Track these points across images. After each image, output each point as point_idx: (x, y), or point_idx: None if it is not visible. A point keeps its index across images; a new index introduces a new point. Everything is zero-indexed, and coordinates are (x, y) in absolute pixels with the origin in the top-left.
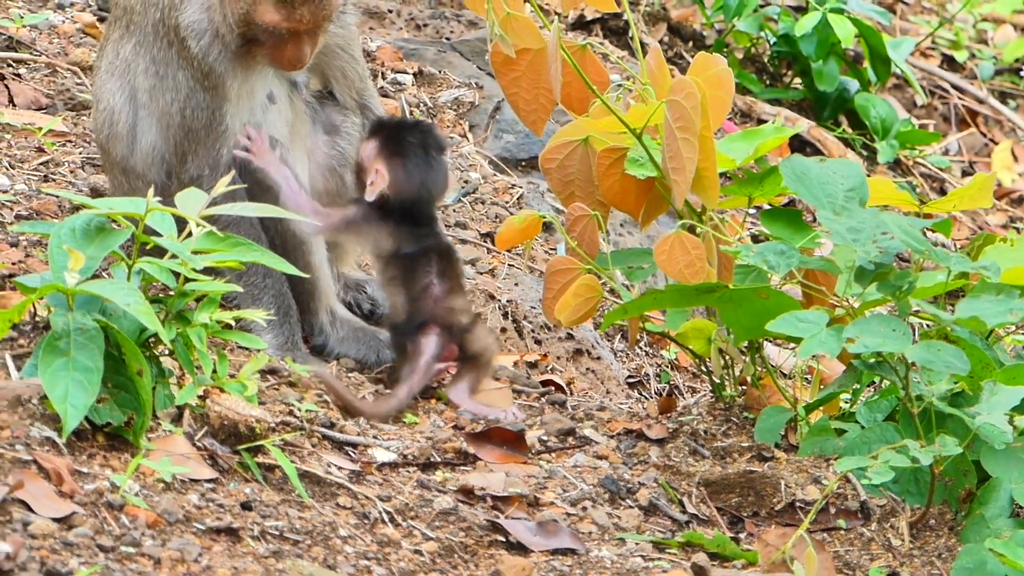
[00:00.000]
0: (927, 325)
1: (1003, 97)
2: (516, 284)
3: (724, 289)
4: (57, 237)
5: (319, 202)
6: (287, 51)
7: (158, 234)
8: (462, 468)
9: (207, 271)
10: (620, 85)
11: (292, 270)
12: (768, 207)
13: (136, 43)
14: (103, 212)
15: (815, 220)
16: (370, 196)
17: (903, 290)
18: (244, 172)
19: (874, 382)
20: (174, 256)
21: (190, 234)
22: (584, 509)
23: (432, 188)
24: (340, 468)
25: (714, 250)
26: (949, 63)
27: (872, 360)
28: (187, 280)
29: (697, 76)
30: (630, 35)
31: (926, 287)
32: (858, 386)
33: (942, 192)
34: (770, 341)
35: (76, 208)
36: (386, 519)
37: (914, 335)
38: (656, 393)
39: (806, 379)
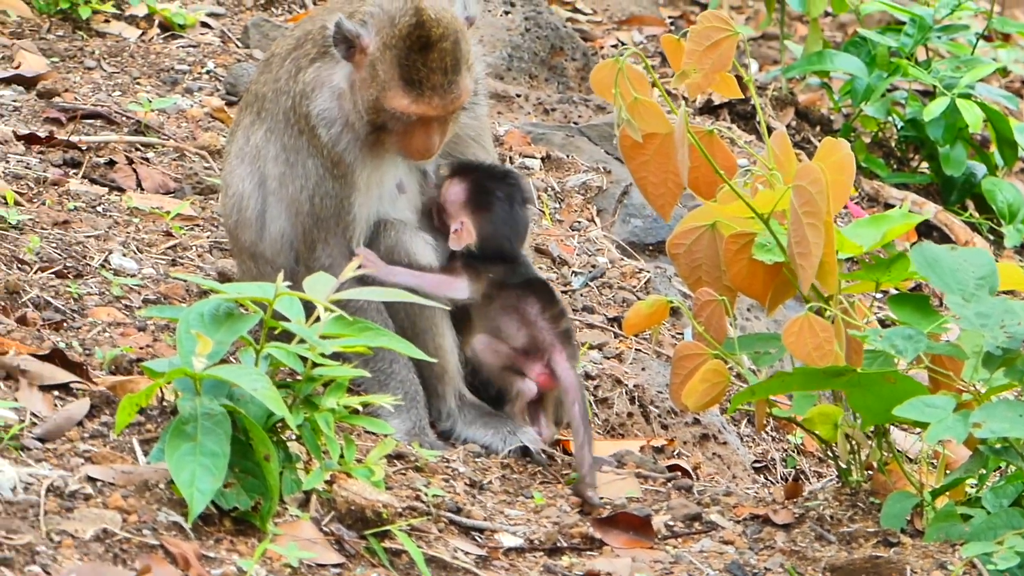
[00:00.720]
0: None
1: None
2: (643, 369)
3: (852, 373)
4: (185, 322)
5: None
6: (416, 139)
7: (286, 319)
8: (588, 553)
9: (335, 356)
10: (747, 170)
11: (420, 354)
12: (896, 292)
13: (267, 130)
14: (231, 297)
15: (942, 305)
16: (454, 246)
17: None
18: (381, 254)
19: (1001, 467)
20: (302, 341)
21: (318, 319)
22: None
23: (514, 240)
24: (467, 553)
25: (842, 334)
26: None
27: (998, 445)
28: (315, 365)
29: (822, 161)
30: (758, 119)
31: None
32: (984, 471)
33: None
34: (896, 426)
35: (204, 293)
36: None
37: None
38: (782, 478)
39: (932, 464)
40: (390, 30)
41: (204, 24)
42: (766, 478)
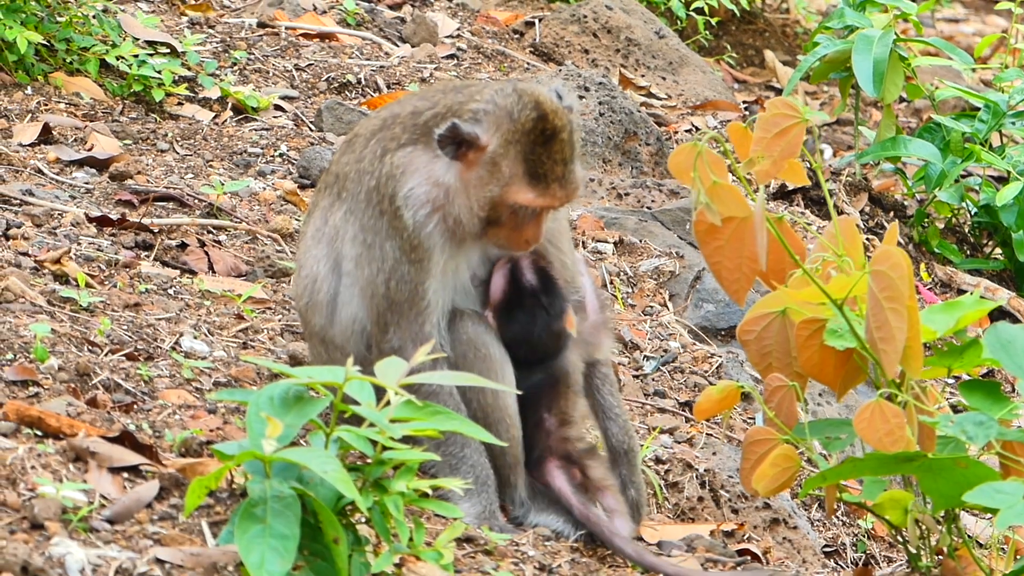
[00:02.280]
0: None
1: None
2: (714, 453)
3: (923, 458)
4: (255, 405)
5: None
6: (527, 230)
7: (356, 403)
8: None
9: (405, 440)
10: (820, 256)
11: (491, 439)
12: (967, 378)
13: (347, 211)
14: (302, 381)
15: (1014, 391)
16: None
17: None
18: (455, 343)
19: None
20: (372, 424)
21: (388, 403)
22: None
23: (529, 354)
24: None
25: (914, 419)
26: None
27: None
28: (384, 448)
29: (891, 246)
30: (832, 205)
31: None
32: None
33: None
34: (967, 511)
35: (275, 376)
36: None
37: None
38: (852, 563)
39: (1002, 549)
40: (510, 125)
41: (277, 107)
42: (836, 563)
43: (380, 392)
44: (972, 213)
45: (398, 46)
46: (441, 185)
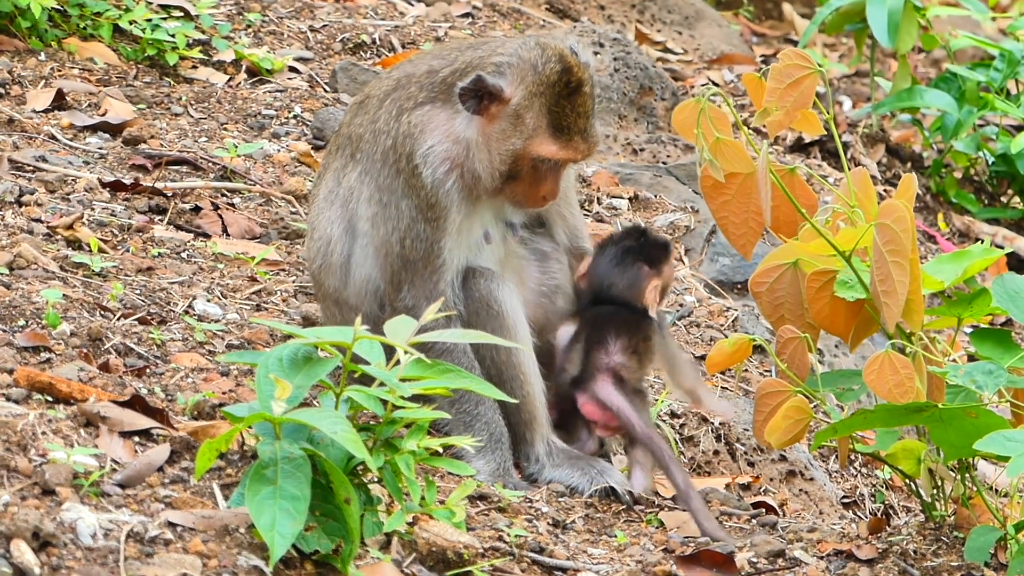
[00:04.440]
0: None
1: None
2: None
3: (933, 408)
4: (264, 367)
5: (532, 326)
6: (545, 185)
7: (367, 363)
8: None
9: (416, 398)
10: (829, 208)
11: (502, 396)
12: (978, 327)
13: (362, 171)
14: (311, 341)
15: None
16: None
17: None
18: (468, 301)
19: None
20: (382, 384)
21: (398, 362)
22: None
23: (609, 289)
24: None
25: (923, 370)
26: None
27: None
28: (395, 408)
29: (902, 198)
30: (850, 156)
31: None
32: None
33: None
34: (985, 459)
35: (286, 337)
36: None
37: None
38: (871, 513)
39: (1023, 495)
40: (535, 77)
41: (292, 69)
42: (855, 513)
43: (392, 351)
44: (989, 162)
45: (412, 5)
46: (460, 141)
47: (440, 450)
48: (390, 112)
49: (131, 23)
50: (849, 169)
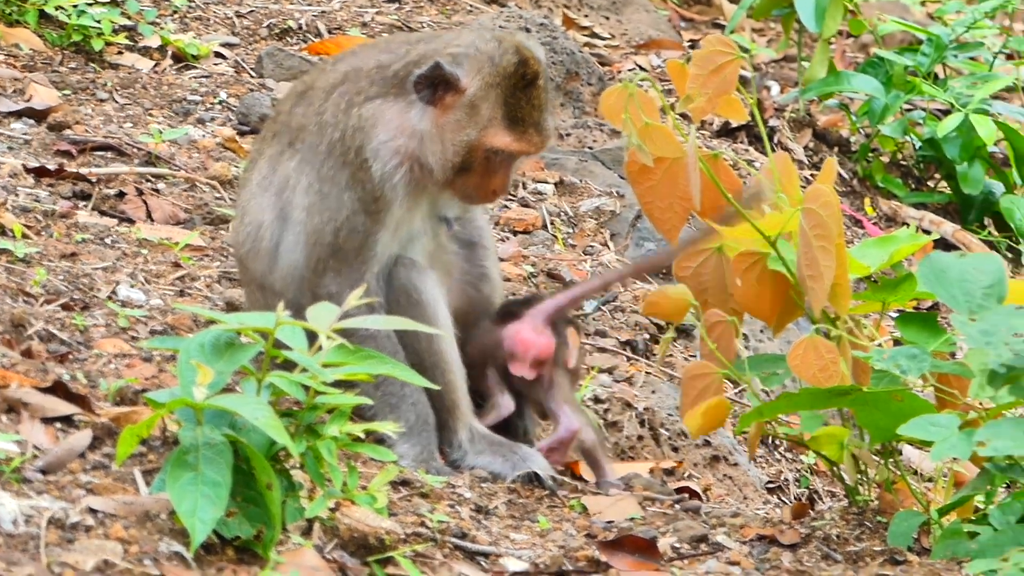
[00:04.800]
0: None
1: None
2: (653, 391)
3: (858, 392)
4: (186, 352)
5: (455, 315)
6: (496, 179)
7: (289, 348)
8: None
9: (338, 384)
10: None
11: (423, 382)
12: (903, 311)
13: (301, 160)
14: (232, 327)
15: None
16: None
17: None
18: (389, 290)
19: (1008, 484)
20: (304, 370)
21: (320, 348)
22: None
23: None
24: None
25: (848, 354)
26: None
27: (1004, 463)
28: (317, 393)
29: (824, 183)
30: (776, 141)
31: None
32: (991, 488)
33: None
34: (911, 444)
35: (210, 323)
36: None
37: None
38: (796, 498)
39: (946, 480)
40: (492, 69)
41: (217, 54)
42: (780, 498)
43: (316, 338)
44: (916, 147)
45: None
46: (415, 135)
47: (362, 436)
48: (338, 105)
49: (57, 9)
50: (775, 154)
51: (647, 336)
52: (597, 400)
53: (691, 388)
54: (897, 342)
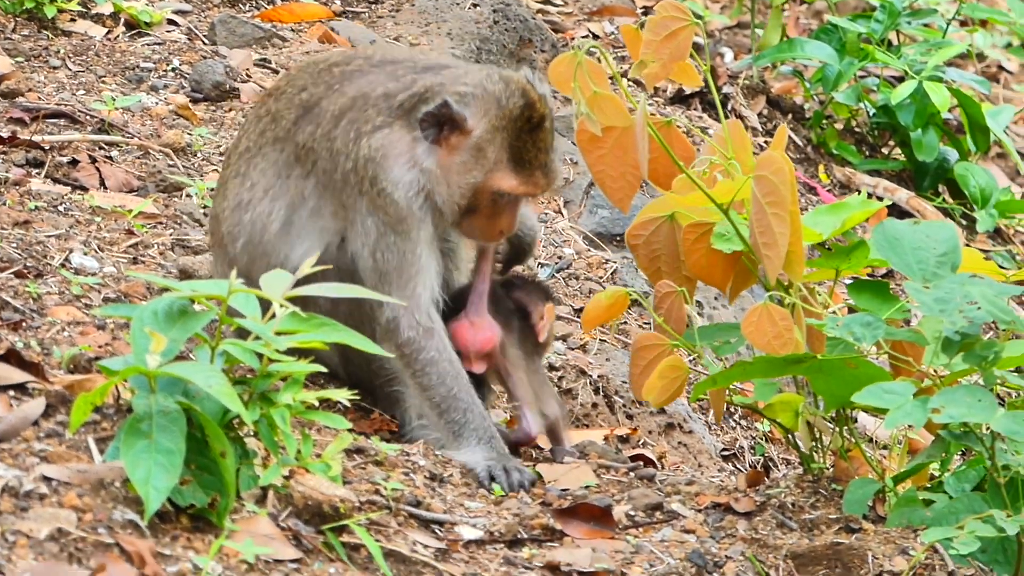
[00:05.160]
0: (1015, 394)
1: None
2: (607, 359)
3: (812, 360)
4: (139, 320)
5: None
6: (502, 219)
7: (243, 316)
8: (549, 544)
9: (292, 352)
10: (706, 160)
11: (377, 350)
12: (856, 278)
13: (318, 184)
14: (186, 295)
15: None
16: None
17: (989, 360)
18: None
19: (963, 452)
20: (259, 338)
21: (274, 315)
22: None
23: None
24: (426, 546)
25: (803, 321)
26: None
27: (959, 430)
28: (271, 361)
29: (776, 150)
30: (730, 108)
31: (1013, 356)
32: (946, 456)
33: None
34: (865, 411)
35: (163, 291)
36: None
37: (1002, 405)
38: (751, 465)
39: (901, 447)
40: (498, 111)
41: (170, 21)
42: (735, 466)
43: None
44: (870, 114)
45: None
46: (424, 170)
47: (316, 403)
48: (347, 133)
49: None
50: (728, 121)
51: None
52: (552, 368)
53: (640, 359)
54: (851, 309)
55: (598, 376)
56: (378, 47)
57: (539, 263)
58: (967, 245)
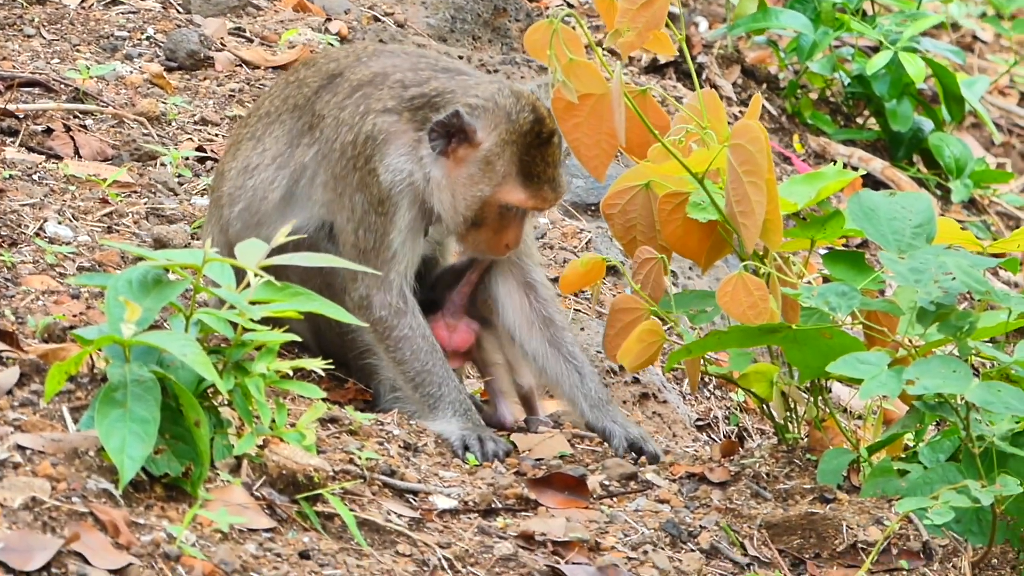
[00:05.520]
0: (990, 365)
1: None
2: (582, 329)
3: (788, 329)
4: (114, 289)
5: None
6: (508, 233)
7: (219, 286)
8: (523, 514)
9: (266, 321)
10: (681, 129)
11: (351, 319)
12: (831, 249)
13: (318, 153)
14: (161, 264)
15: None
16: None
17: (964, 331)
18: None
19: (938, 422)
20: (233, 307)
21: (249, 285)
22: (645, 553)
23: None
24: (400, 516)
25: (778, 291)
26: None
27: (934, 401)
28: (245, 330)
29: (753, 119)
30: (704, 77)
31: (988, 327)
32: (921, 427)
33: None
34: (841, 382)
35: (137, 260)
36: (445, 566)
37: (976, 375)
38: (725, 435)
39: (875, 418)
40: (509, 125)
41: None
42: (709, 436)
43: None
44: (845, 84)
45: None
46: (425, 176)
47: (290, 373)
48: (357, 106)
49: None
50: (703, 90)
51: None
52: None
53: (616, 320)
54: (826, 280)
55: None
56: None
57: None
58: (942, 215)
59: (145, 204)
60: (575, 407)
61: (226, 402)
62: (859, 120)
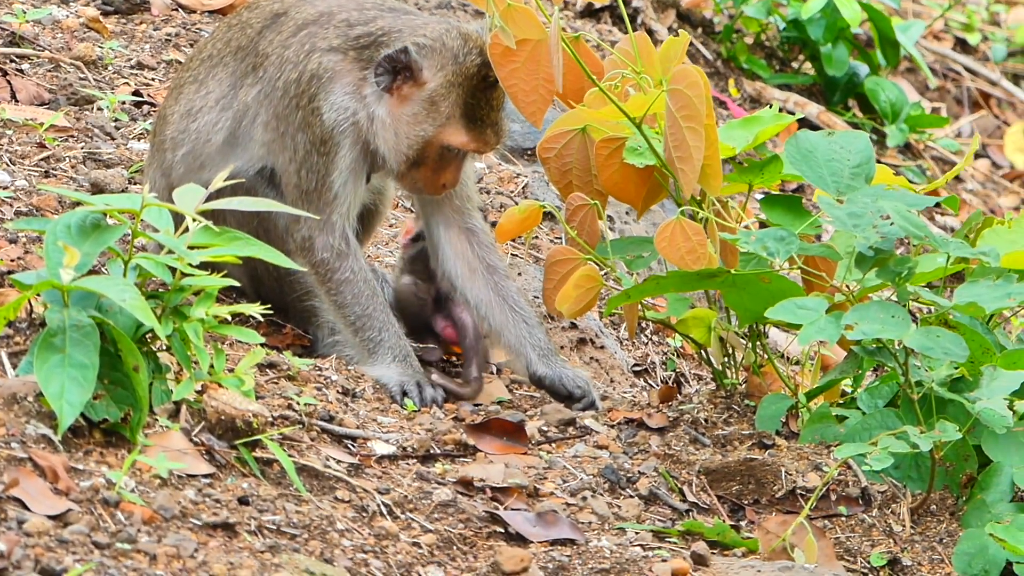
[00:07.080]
0: (928, 310)
1: (1016, 79)
2: (519, 274)
3: (726, 274)
4: (52, 234)
5: None
6: (447, 173)
7: (156, 231)
8: (462, 460)
9: (204, 266)
10: (618, 73)
11: (289, 263)
12: (769, 193)
13: (260, 92)
14: (99, 209)
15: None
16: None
17: (902, 276)
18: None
19: (876, 368)
20: (171, 252)
21: (187, 230)
22: (584, 499)
23: None
24: (339, 461)
25: (716, 236)
26: (962, 46)
27: (872, 346)
28: (184, 275)
29: (677, 61)
30: (639, 22)
31: (926, 272)
32: (860, 372)
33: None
34: (778, 327)
35: (75, 204)
36: (384, 512)
37: (915, 321)
38: (662, 381)
39: (813, 363)
40: (455, 67)
41: None
42: (646, 382)
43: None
44: (780, 28)
45: None
46: (369, 115)
47: (228, 318)
48: (302, 44)
49: None
50: (636, 34)
51: None
52: None
53: (554, 273)
54: (763, 225)
55: None
56: None
57: None
58: (878, 161)
59: (82, 148)
60: (521, 357)
61: (165, 347)
62: (794, 65)
